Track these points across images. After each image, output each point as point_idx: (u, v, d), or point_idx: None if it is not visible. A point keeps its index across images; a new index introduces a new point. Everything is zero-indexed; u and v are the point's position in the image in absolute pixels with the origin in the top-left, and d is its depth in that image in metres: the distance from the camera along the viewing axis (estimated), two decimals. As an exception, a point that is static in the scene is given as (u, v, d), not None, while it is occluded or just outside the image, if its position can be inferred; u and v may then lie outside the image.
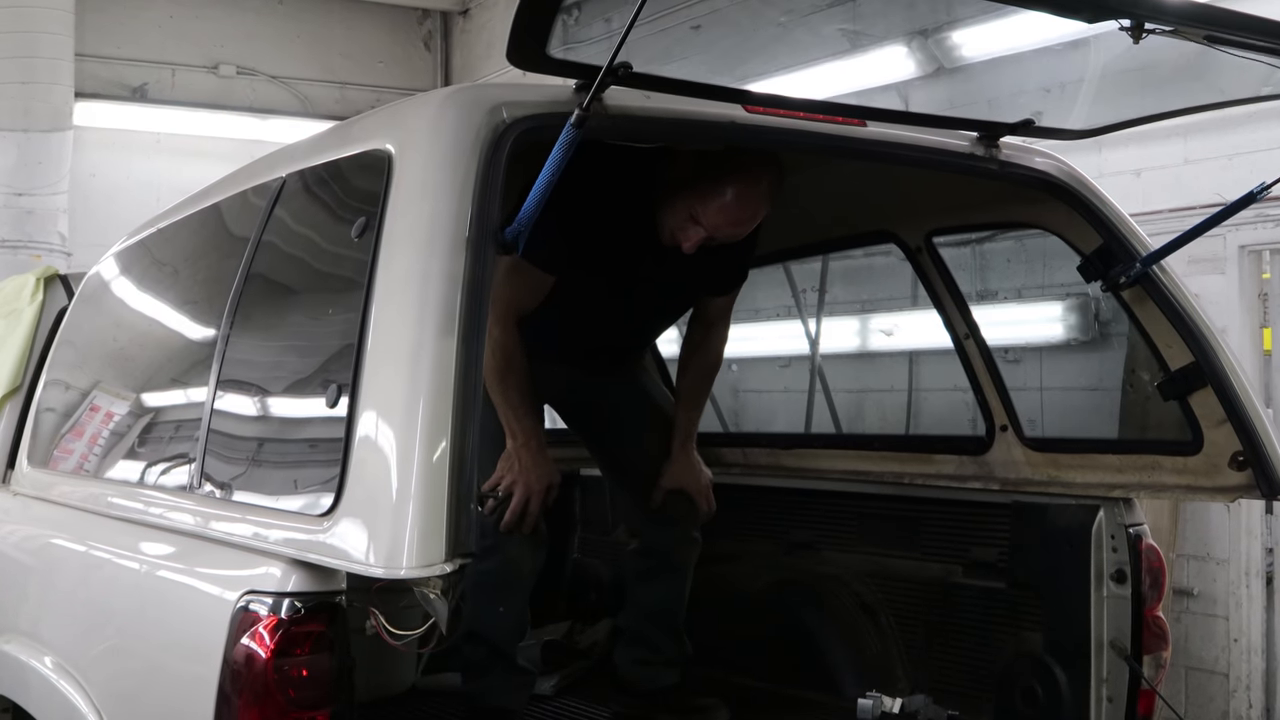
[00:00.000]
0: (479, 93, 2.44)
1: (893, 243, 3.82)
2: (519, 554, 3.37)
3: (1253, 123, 5.37)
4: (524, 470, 3.28)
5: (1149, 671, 3.22)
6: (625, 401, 3.76)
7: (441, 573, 2.02)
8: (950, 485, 3.66)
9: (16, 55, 8.82)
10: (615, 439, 3.79)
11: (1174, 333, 3.06)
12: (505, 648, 3.45)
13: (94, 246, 5.48)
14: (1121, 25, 2.34)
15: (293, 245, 2.81)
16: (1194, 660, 5.84)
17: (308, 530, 2.21)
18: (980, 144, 2.98)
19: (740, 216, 3.18)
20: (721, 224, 3.17)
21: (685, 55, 2.88)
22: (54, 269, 4.43)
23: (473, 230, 2.18)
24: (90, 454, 3.37)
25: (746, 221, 3.20)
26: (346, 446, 2.17)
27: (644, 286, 3.46)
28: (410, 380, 2.11)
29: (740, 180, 3.13)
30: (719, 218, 3.16)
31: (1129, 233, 3.11)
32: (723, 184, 3.13)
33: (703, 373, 3.73)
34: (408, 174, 2.32)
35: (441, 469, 2.04)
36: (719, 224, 3.17)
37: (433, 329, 2.11)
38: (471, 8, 10.96)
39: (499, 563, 3.32)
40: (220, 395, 2.68)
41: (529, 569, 3.44)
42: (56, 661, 2.93)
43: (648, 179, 3.26)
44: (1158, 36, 2.37)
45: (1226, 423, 3.01)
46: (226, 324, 2.75)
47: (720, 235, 3.21)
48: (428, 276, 2.16)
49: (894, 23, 6.05)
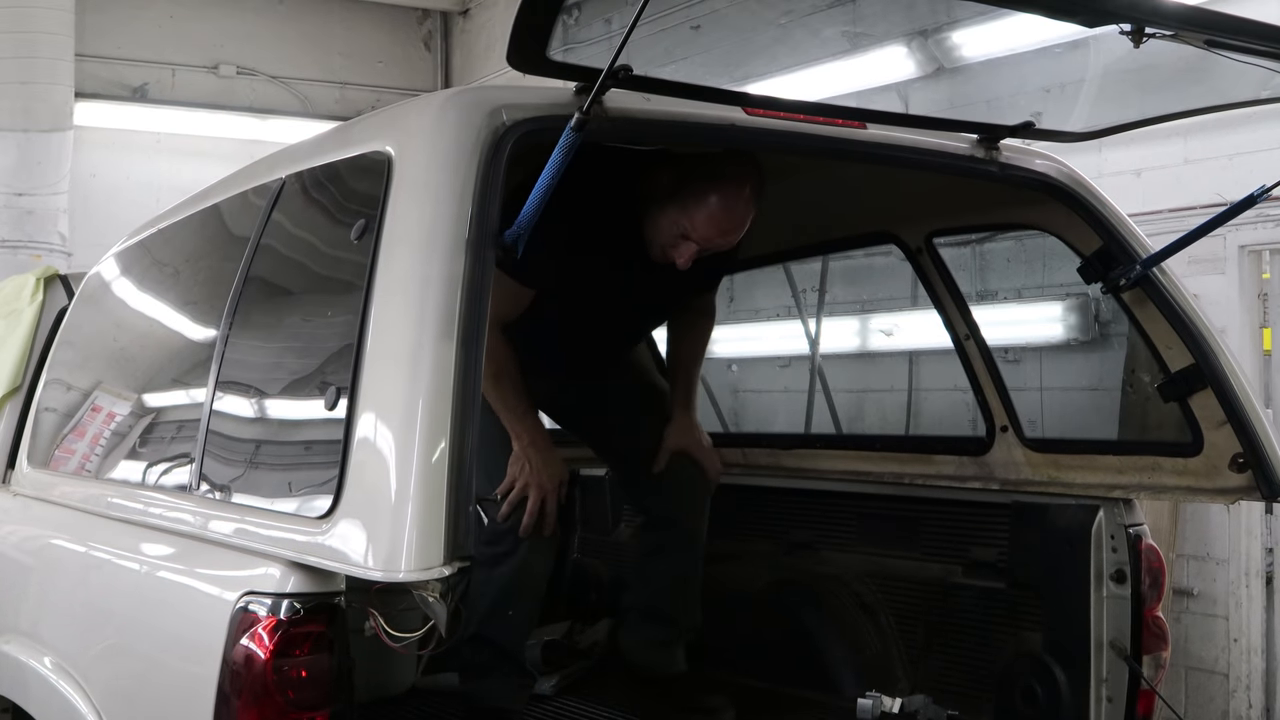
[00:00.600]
0: (479, 95, 2.44)
1: (893, 244, 3.82)
2: (533, 557, 3.37)
3: (1253, 123, 5.37)
4: (535, 470, 3.29)
5: (1149, 671, 3.22)
6: (618, 393, 3.77)
7: (440, 575, 2.02)
8: (950, 485, 3.66)
9: (17, 55, 8.83)
10: (613, 428, 3.79)
11: (1174, 334, 3.06)
12: (512, 650, 3.45)
13: (94, 247, 5.49)
14: (1122, 29, 2.34)
15: (292, 246, 2.81)
16: (1194, 660, 5.84)
17: (306, 532, 2.21)
18: (980, 146, 2.98)
19: (729, 225, 3.16)
20: (713, 235, 3.17)
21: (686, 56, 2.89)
22: (54, 269, 4.43)
23: (472, 232, 2.18)
24: (90, 454, 3.37)
25: (736, 229, 3.19)
26: (345, 448, 2.17)
27: (630, 295, 3.45)
28: (409, 382, 2.11)
29: (724, 188, 3.11)
30: (709, 229, 3.15)
31: (1129, 234, 3.11)
32: (707, 196, 3.11)
33: (692, 350, 3.77)
34: (408, 176, 2.32)
35: (440, 471, 2.04)
36: (710, 235, 3.17)
37: (432, 331, 2.11)
38: (471, 8, 10.96)
39: (514, 566, 3.33)
40: (220, 396, 2.69)
41: (541, 571, 3.45)
42: (56, 662, 2.94)
43: (630, 190, 3.26)
44: (1158, 40, 2.37)
45: (1226, 424, 3.01)
46: (226, 325, 2.75)
47: (712, 246, 3.21)
48: (427, 279, 2.16)
49: (894, 23, 6.07)
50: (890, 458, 3.88)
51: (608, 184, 3.19)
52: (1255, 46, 2.49)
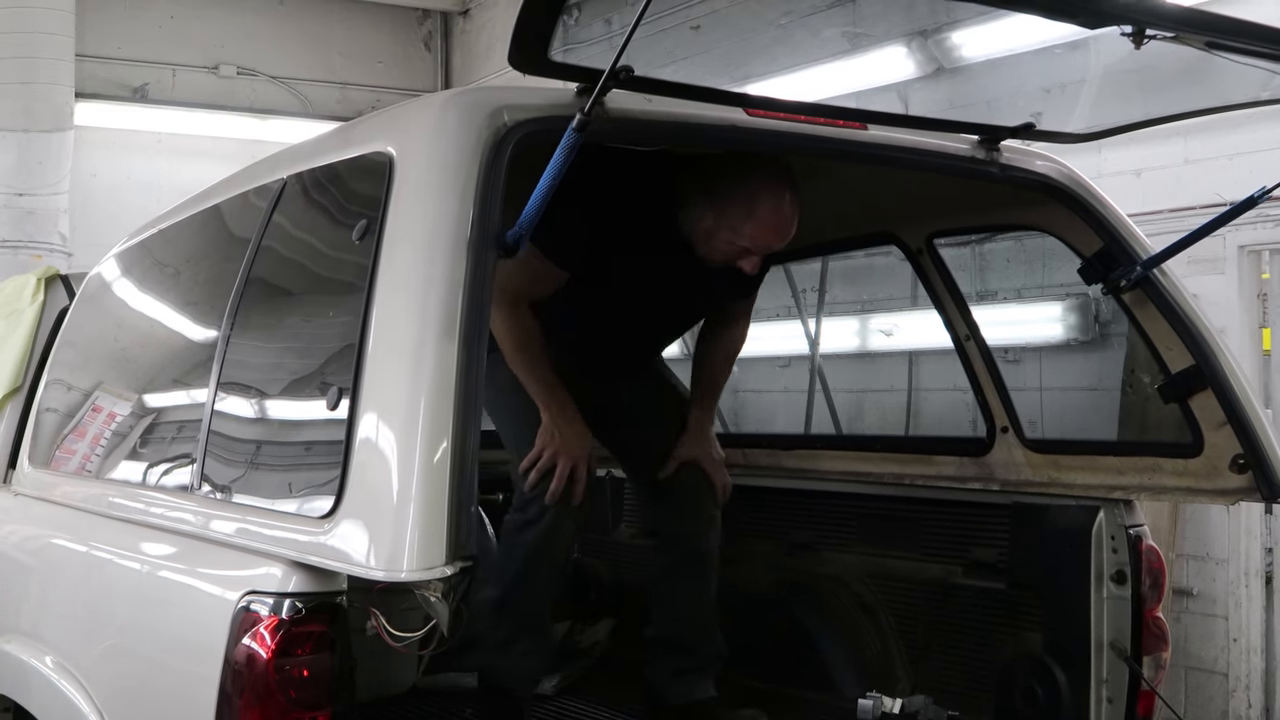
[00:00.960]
0: (480, 95, 2.44)
1: (894, 244, 3.83)
2: (560, 523, 3.37)
3: (1253, 123, 5.38)
4: (565, 440, 3.30)
5: (1149, 672, 3.23)
6: (641, 397, 3.75)
7: (442, 575, 2.02)
8: (951, 486, 3.66)
9: (17, 56, 8.83)
10: (632, 433, 3.75)
11: (1174, 335, 3.07)
12: (535, 621, 3.47)
13: (94, 247, 5.49)
14: (1123, 31, 2.34)
15: (294, 247, 2.81)
16: (1193, 660, 5.84)
17: (308, 532, 2.21)
18: (981, 147, 2.98)
19: (786, 227, 3.20)
20: (773, 240, 3.21)
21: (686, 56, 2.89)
22: (55, 269, 4.43)
23: (474, 233, 2.18)
24: (92, 455, 3.37)
25: (790, 229, 3.22)
26: (347, 448, 2.17)
27: (665, 293, 3.46)
28: (411, 382, 2.11)
29: (770, 194, 3.15)
30: (769, 235, 3.20)
31: (1129, 235, 3.12)
32: (758, 205, 3.15)
33: (723, 356, 3.76)
34: (409, 177, 2.32)
35: (442, 471, 2.04)
36: (770, 241, 3.21)
37: (434, 331, 2.11)
38: (471, 8, 10.96)
39: (541, 532, 3.34)
40: (221, 396, 2.69)
41: (568, 539, 3.49)
42: (58, 661, 2.94)
43: (666, 191, 3.28)
44: (1158, 42, 2.37)
45: (1227, 425, 3.02)
46: (228, 325, 2.75)
47: (770, 250, 3.27)
48: (429, 278, 2.16)
49: (894, 24, 6.06)
50: (890, 458, 3.88)
51: (643, 181, 3.22)
52: (1255, 48, 2.49)
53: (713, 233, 3.23)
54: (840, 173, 3.47)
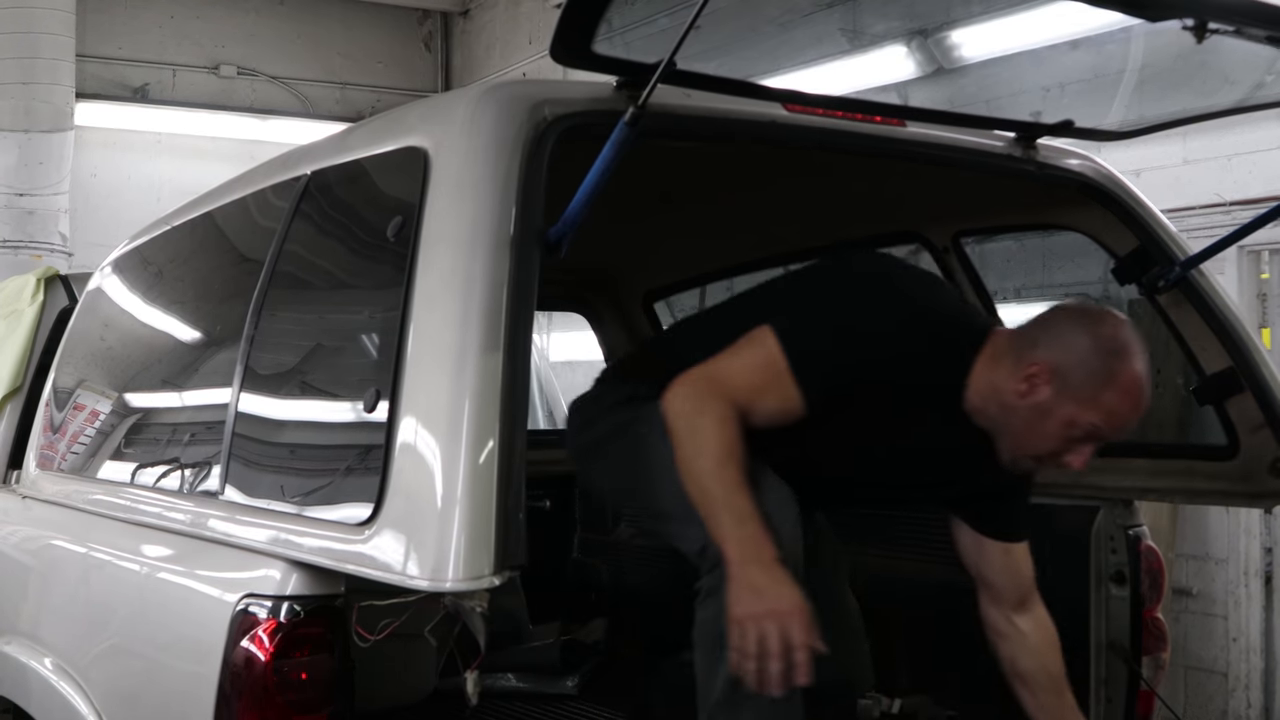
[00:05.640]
0: (519, 89, 2.36)
1: (919, 243, 3.74)
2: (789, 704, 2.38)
3: (1252, 124, 5.36)
4: (772, 601, 2.25)
5: (1148, 672, 3.22)
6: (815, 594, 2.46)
7: (490, 585, 1.94)
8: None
9: (17, 56, 8.85)
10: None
11: (1211, 336, 2.98)
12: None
13: (95, 247, 5.51)
14: (1184, 25, 2.27)
15: (320, 244, 2.73)
16: (1193, 660, 5.84)
17: (344, 540, 2.14)
18: (1018, 145, 2.91)
19: (1142, 401, 2.50)
20: (1132, 419, 2.50)
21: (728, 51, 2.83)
22: (55, 269, 4.43)
23: (516, 230, 2.12)
24: (102, 458, 3.35)
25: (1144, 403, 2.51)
26: (387, 453, 2.09)
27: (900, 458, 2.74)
28: (455, 383, 2.03)
29: (1132, 358, 2.48)
30: (1127, 413, 2.48)
31: (1167, 235, 3.03)
32: (1118, 375, 2.46)
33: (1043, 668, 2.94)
34: (447, 172, 2.24)
35: (489, 475, 1.96)
36: (1126, 421, 2.49)
37: (477, 330, 2.05)
38: (471, 8, 10.96)
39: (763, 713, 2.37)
40: (245, 398, 2.61)
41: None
42: (57, 663, 2.94)
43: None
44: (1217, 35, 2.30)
45: (1265, 429, 2.93)
46: (251, 325, 2.67)
47: (1122, 436, 2.54)
48: (471, 278, 2.09)
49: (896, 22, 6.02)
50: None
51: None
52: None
53: (1049, 411, 2.47)
54: (865, 170, 3.42)
